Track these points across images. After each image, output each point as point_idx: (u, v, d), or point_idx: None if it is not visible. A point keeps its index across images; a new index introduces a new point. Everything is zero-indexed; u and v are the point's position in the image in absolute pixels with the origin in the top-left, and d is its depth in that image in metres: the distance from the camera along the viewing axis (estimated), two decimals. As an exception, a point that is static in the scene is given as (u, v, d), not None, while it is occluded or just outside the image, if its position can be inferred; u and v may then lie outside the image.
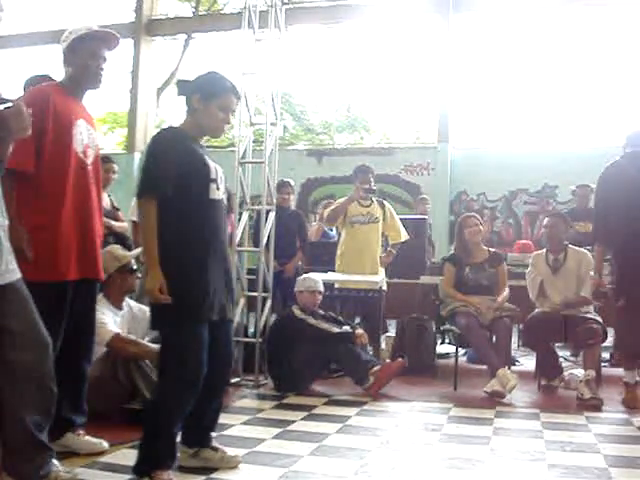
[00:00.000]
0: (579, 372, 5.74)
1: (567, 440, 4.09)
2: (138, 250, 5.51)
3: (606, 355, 6.39)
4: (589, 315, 5.50)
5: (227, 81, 3.37)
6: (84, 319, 3.59)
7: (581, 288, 5.56)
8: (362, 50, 15.25)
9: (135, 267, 4.64)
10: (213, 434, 3.53)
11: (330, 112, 17.11)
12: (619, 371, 5.39)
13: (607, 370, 5.98)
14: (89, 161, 3.54)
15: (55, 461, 2.97)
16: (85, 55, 3.50)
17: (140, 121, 14.71)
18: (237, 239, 5.93)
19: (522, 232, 12.25)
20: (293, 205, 7.95)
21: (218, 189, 3.26)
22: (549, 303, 5.63)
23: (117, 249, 4.60)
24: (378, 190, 6.94)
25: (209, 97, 3.26)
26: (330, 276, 6.35)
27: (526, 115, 13.58)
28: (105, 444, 3.64)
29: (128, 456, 3.48)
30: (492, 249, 6.16)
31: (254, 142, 6.29)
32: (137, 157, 14.26)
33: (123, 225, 6.20)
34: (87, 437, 3.63)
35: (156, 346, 4.34)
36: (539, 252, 5.95)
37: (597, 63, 13.04)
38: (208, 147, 3.69)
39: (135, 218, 6.43)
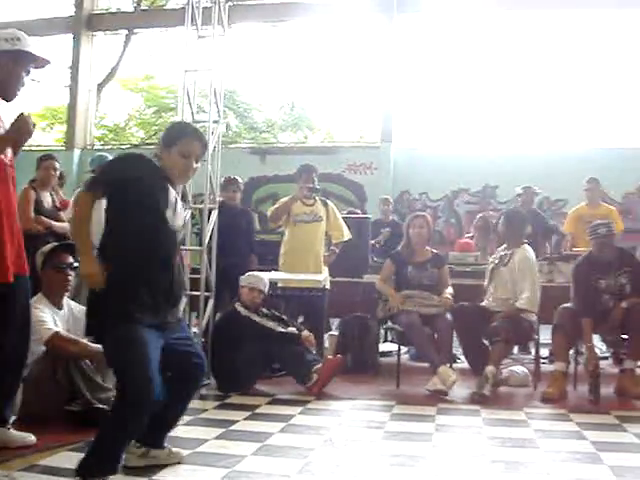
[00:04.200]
0: (518, 369, 5.85)
1: (507, 436, 4.17)
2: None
3: (545, 352, 6.51)
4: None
5: (188, 127, 3.46)
6: (21, 316, 3.54)
7: (519, 294, 5.65)
8: (306, 49, 15.25)
9: (74, 264, 4.56)
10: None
11: (274, 110, 17.06)
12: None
13: (546, 367, 6.10)
14: (7, 160, 3.51)
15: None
16: (10, 69, 3.45)
17: (80, 117, 14.44)
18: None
19: (463, 231, 12.42)
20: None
21: (173, 216, 3.25)
22: (491, 301, 5.78)
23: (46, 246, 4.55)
24: (321, 189, 6.95)
25: (169, 144, 3.28)
26: (273, 275, 6.33)
27: (468, 116, 13.74)
28: (33, 437, 3.61)
29: (67, 458, 3.42)
30: (434, 250, 6.22)
31: (197, 139, 6.22)
32: (77, 154, 14.00)
33: (64, 225, 6.08)
34: (14, 431, 3.59)
35: (97, 346, 4.27)
36: (500, 249, 6.08)
37: (537, 64, 13.26)
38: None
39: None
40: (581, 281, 5.65)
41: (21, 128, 3.39)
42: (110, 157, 6.64)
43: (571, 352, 5.69)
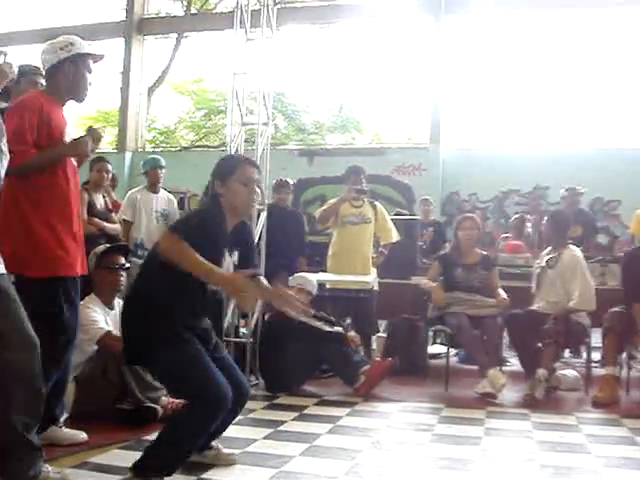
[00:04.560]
0: (569, 372, 5.76)
1: (558, 440, 4.11)
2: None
3: (597, 355, 6.40)
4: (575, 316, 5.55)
5: (239, 156, 3.52)
6: (75, 314, 3.62)
7: (571, 294, 5.58)
8: (354, 50, 15.22)
9: (126, 265, 4.63)
10: None
11: (322, 112, 17.09)
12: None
13: (598, 371, 5.99)
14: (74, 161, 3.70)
15: (45, 464, 2.96)
16: (74, 74, 3.58)
17: (131, 120, 14.66)
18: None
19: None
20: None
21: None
22: (542, 304, 5.69)
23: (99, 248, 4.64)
24: (369, 191, 6.94)
25: (226, 177, 3.29)
26: (322, 276, 6.34)
27: (518, 116, 13.58)
28: (84, 435, 3.68)
29: (118, 456, 3.49)
30: (484, 252, 6.17)
31: (246, 142, 6.28)
32: (128, 157, 14.21)
33: (115, 227, 6.19)
34: (66, 429, 3.66)
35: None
36: (545, 252, 6.00)
37: (591, 64, 13.04)
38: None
39: (125, 217, 6.42)
40: (630, 267, 5.60)
41: (78, 147, 3.56)
42: (161, 159, 6.76)
43: (624, 356, 5.59)
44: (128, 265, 4.71)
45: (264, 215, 6.02)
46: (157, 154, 7.84)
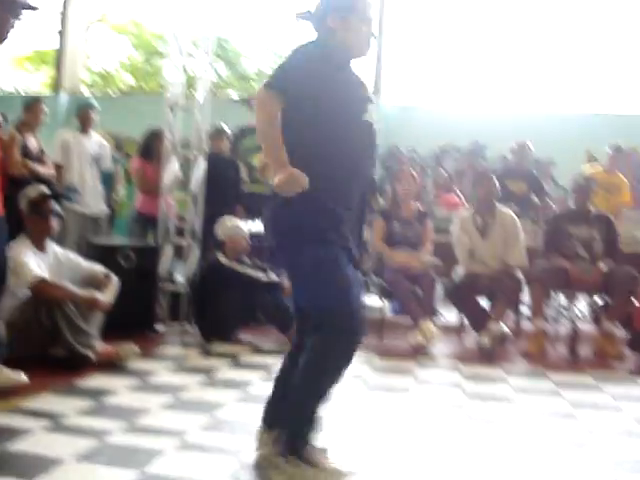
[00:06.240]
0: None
1: (485, 392, 4.23)
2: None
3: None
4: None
5: None
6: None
7: (509, 253, 5.71)
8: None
9: (57, 211, 4.54)
10: None
11: (264, 60, 16.85)
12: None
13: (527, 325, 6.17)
14: None
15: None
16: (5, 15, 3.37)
17: (69, 60, 14.19)
18: (164, 184, 5.85)
19: (450, 188, 12.39)
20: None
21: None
22: (477, 264, 5.76)
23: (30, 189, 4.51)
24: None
25: (347, 12, 2.76)
26: (260, 226, 6.30)
27: (458, 75, 13.66)
28: (24, 377, 3.61)
29: (52, 401, 3.47)
30: (420, 206, 6.22)
31: (185, 87, 6.16)
32: (64, 98, 13.79)
33: (50, 171, 6.03)
34: (5, 369, 3.58)
35: (83, 291, 4.29)
36: (465, 215, 6.00)
37: (532, 24, 13.15)
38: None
39: (58, 160, 6.26)
40: (551, 223, 5.95)
41: None
42: (94, 101, 6.59)
43: (552, 313, 5.79)
44: (60, 211, 4.62)
45: (203, 163, 5.95)
46: (95, 98, 7.64)
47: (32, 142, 5.99)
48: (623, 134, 9.53)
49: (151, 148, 6.42)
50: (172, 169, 5.91)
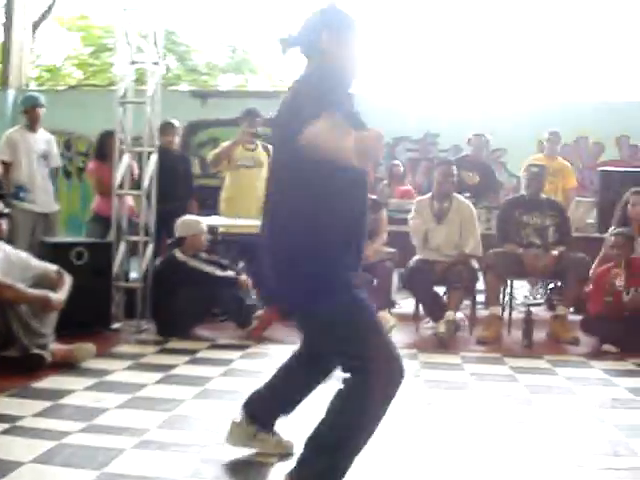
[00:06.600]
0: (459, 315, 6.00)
1: (443, 379, 4.28)
2: None
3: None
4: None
5: (348, 13, 2.60)
6: None
7: (465, 242, 5.77)
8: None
9: (5, 211, 4.46)
10: None
11: (215, 53, 16.73)
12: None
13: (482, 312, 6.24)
14: None
15: None
16: None
17: (14, 56, 13.91)
18: (117, 182, 5.77)
19: (404, 179, 12.46)
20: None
21: None
22: (432, 251, 5.80)
23: None
24: (264, 134, 6.87)
25: (342, 31, 2.54)
26: (215, 220, 6.28)
27: (410, 64, 13.75)
28: None
29: (6, 404, 3.42)
30: (373, 196, 6.24)
31: (136, 82, 6.08)
32: (11, 94, 13.52)
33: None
34: None
35: (35, 291, 4.21)
36: (423, 198, 6.06)
37: (481, 10, 13.29)
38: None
39: (4, 157, 6.13)
40: (504, 212, 6.01)
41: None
42: (40, 97, 6.46)
43: (506, 299, 5.89)
44: (8, 211, 4.53)
45: (154, 157, 5.88)
46: (43, 93, 7.50)
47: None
48: (573, 121, 9.74)
49: (105, 149, 6.34)
50: (124, 166, 5.83)
